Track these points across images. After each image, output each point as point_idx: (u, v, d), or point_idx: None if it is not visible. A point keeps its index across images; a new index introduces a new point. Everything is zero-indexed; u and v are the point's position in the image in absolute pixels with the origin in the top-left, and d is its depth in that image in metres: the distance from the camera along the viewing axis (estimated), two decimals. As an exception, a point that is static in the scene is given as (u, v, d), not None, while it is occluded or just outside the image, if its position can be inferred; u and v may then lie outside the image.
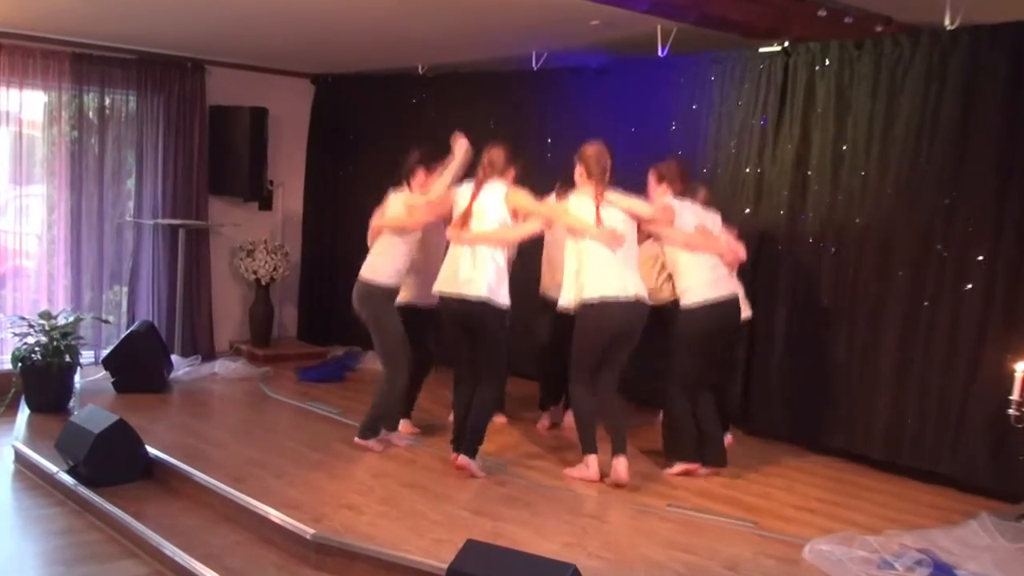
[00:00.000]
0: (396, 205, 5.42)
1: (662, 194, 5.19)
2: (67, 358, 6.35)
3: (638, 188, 5.32)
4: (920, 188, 5.36)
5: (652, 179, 5.30)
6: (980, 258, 5.13)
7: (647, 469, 5.30)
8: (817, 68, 5.74)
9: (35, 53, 7.21)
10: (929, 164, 5.32)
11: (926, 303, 5.31)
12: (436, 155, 5.40)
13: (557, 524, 4.38)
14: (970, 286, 5.15)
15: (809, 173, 5.79)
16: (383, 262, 5.37)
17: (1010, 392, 4.55)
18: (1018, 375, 4.53)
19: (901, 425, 5.42)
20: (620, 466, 4.90)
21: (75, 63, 7.42)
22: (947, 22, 5.20)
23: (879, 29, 5.66)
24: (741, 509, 4.70)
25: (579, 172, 5.01)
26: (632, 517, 4.56)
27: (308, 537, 4.16)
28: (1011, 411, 4.52)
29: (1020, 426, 4.51)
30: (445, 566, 3.46)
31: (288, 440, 5.73)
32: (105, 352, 7.13)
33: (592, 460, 5.01)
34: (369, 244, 5.51)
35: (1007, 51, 5.03)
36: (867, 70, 5.50)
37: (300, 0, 5.80)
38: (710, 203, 5.33)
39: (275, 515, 4.39)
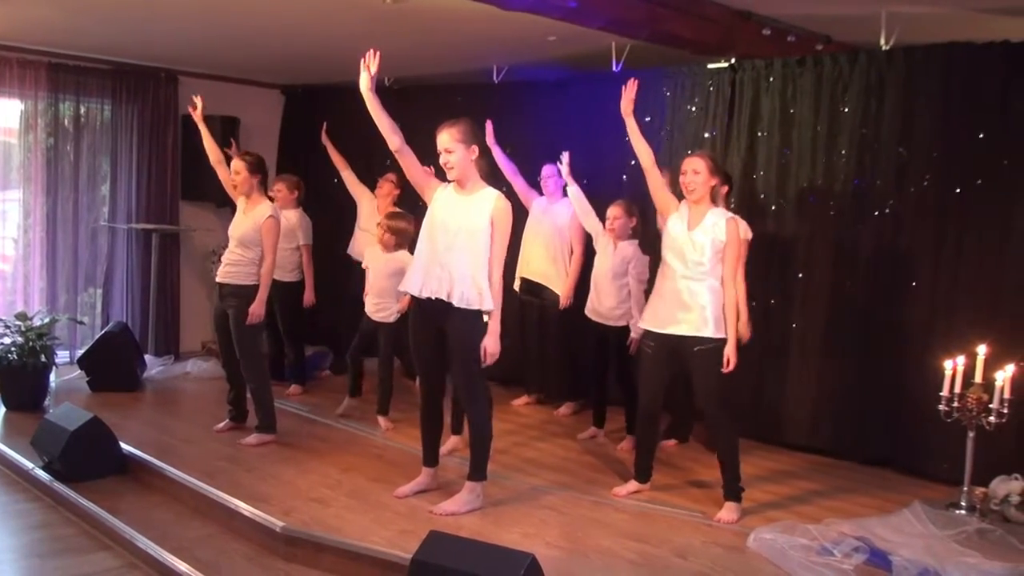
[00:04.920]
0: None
1: None
2: (42, 358, 6.38)
3: (592, 197, 5.54)
4: (861, 198, 5.59)
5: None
6: (920, 264, 5.39)
7: (600, 463, 5.48)
8: (762, 83, 5.94)
9: (11, 62, 7.29)
10: (869, 175, 5.55)
11: (870, 306, 5.57)
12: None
13: (516, 515, 4.51)
14: (914, 283, 5.42)
15: (756, 181, 6.01)
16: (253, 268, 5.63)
17: (939, 386, 4.75)
18: (947, 372, 4.73)
19: (841, 416, 5.68)
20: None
21: (51, 72, 7.51)
22: (883, 42, 5.46)
23: (819, 48, 5.88)
24: (691, 500, 4.83)
25: None
26: (588, 509, 4.67)
27: (277, 530, 4.22)
28: (941, 407, 4.71)
29: (949, 420, 4.71)
30: (409, 556, 3.54)
31: (258, 436, 5.80)
32: (80, 352, 7.21)
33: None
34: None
35: (939, 70, 5.27)
36: (809, 86, 5.73)
37: (271, 15, 5.92)
38: None
39: (245, 508, 4.45)
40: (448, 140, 4.40)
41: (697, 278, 4.55)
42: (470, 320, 4.43)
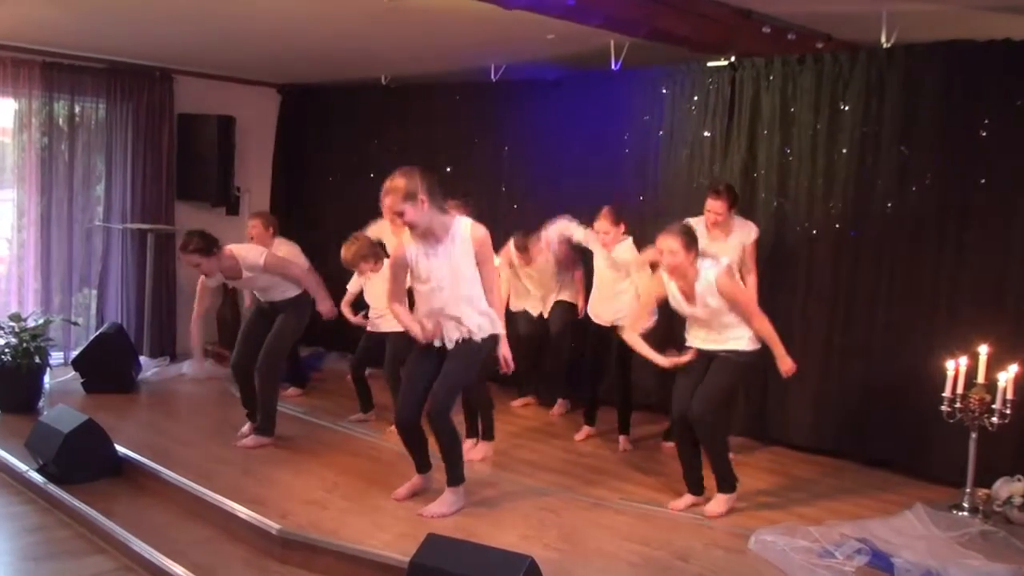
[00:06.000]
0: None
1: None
2: (37, 359, 6.36)
3: (591, 195, 5.47)
4: (862, 196, 5.57)
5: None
6: (922, 263, 5.36)
7: (600, 464, 5.46)
8: (762, 82, 5.92)
9: (5, 61, 7.27)
10: (870, 173, 5.53)
11: (871, 305, 5.55)
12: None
13: (515, 517, 4.48)
14: (916, 282, 5.37)
15: (756, 180, 5.98)
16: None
17: (941, 386, 4.72)
18: (949, 372, 4.70)
19: (842, 417, 5.65)
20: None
21: (45, 71, 7.49)
22: (883, 40, 5.44)
23: (820, 46, 5.84)
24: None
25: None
26: (587, 510, 4.66)
27: (274, 532, 4.20)
28: (943, 407, 4.69)
29: (951, 421, 4.69)
30: (407, 559, 3.53)
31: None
32: (74, 353, 7.19)
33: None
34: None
35: (940, 68, 5.25)
36: (809, 84, 5.71)
37: (267, 14, 5.88)
38: None
39: (242, 511, 4.43)
40: (395, 203, 4.33)
41: (724, 326, 4.66)
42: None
